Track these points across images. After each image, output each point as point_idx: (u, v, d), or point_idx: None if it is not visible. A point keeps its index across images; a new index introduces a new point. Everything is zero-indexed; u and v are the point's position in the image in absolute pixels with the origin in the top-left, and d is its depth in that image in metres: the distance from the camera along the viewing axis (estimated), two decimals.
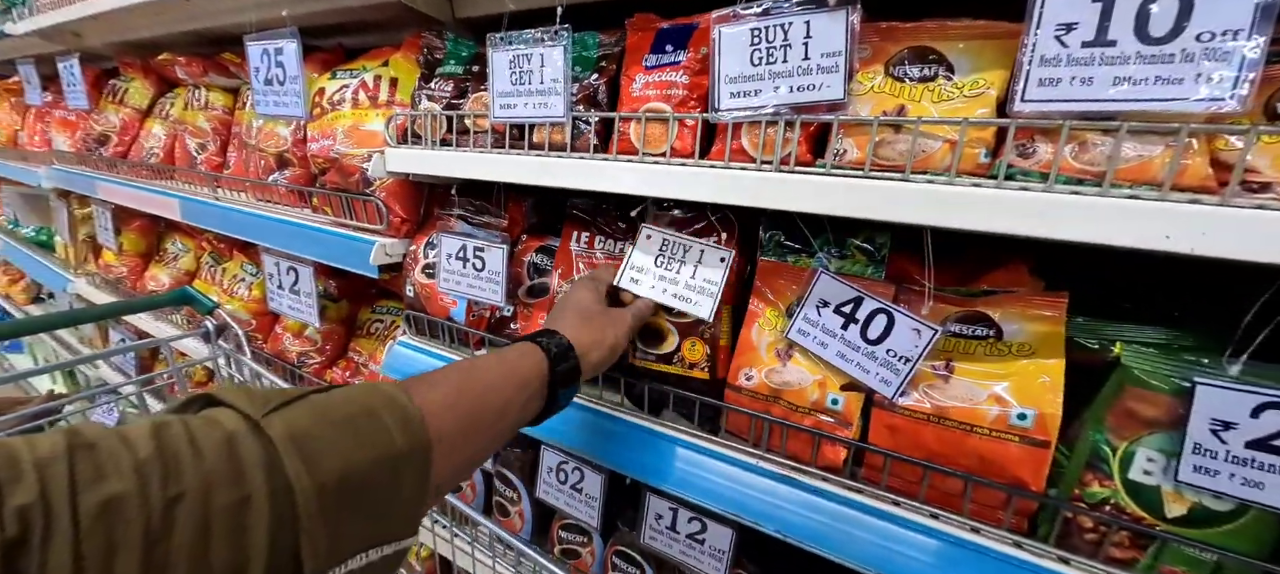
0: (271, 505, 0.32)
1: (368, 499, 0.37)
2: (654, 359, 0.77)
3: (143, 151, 1.68)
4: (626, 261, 0.77)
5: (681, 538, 0.85)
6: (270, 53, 1.07)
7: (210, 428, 0.34)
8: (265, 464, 0.33)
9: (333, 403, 0.40)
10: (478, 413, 0.49)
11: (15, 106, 2.36)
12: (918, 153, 0.56)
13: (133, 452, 0.30)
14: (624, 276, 0.76)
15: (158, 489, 0.29)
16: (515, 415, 0.54)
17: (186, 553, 0.29)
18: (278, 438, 0.34)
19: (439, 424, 0.44)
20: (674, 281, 0.73)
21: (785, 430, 0.68)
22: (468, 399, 0.48)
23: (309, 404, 0.39)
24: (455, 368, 0.52)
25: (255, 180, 1.29)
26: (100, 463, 0.29)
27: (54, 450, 0.29)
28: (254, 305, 1.48)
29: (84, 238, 2.07)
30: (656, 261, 0.75)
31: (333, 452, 0.36)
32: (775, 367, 0.69)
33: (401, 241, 1.01)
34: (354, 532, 0.37)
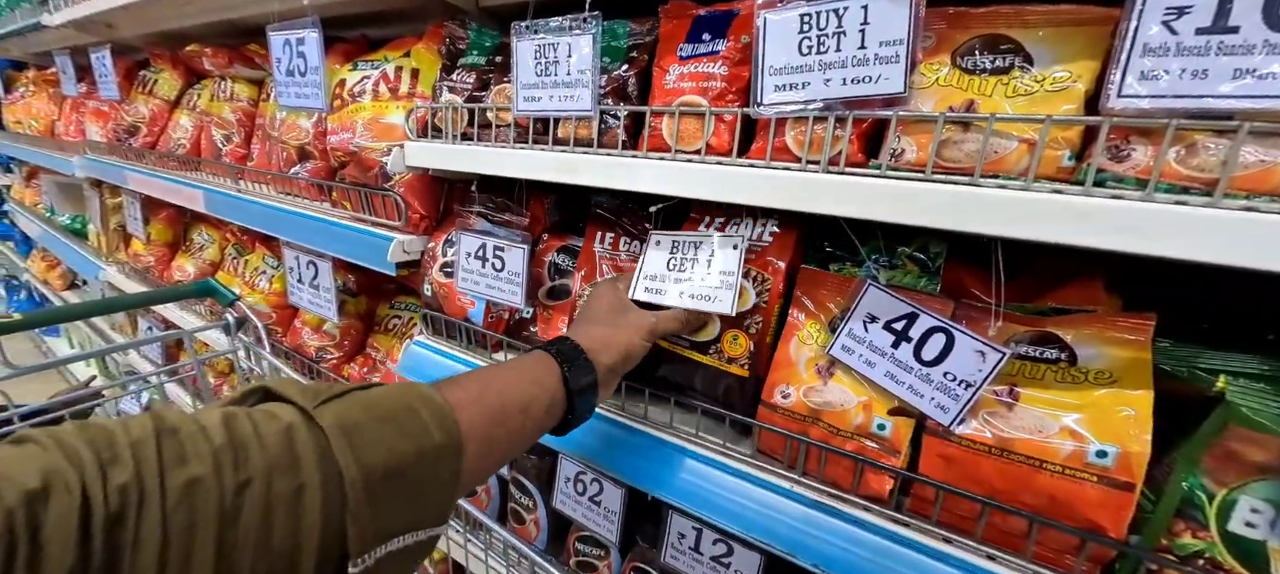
0: (324, 492, 0.35)
1: (408, 488, 0.40)
2: (687, 346, 0.71)
3: (171, 142, 1.69)
4: (638, 273, 0.72)
5: (705, 560, 0.80)
6: (292, 43, 1.04)
7: (270, 420, 0.36)
8: (319, 453, 0.36)
9: (376, 398, 0.42)
10: (502, 410, 0.50)
11: (53, 97, 2.42)
12: (989, 154, 0.50)
13: (209, 440, 0.33)
14: (638, 288, 0.71)
15: (230, 474, 0.32)
16: (539, 416, 0.54)
17: (253, 533, 0.32)
18: (329, 428, 0.37)
19: (469, 420, 0.46)
20: (690, 281, 0.68)
21: (824, 454, 0.63)
22: (492, 396, 0.50)
23: (355, 399, 0.41)
24: (477, 371, 0.55)
25: (277, 173, 1.28)
26: (182, 447, 0.32)
27: (144, 432, 0.32)
28: (275, 298, 1.47)
29: (115, 227, 2.11)
30: (670, 265, 0.70)
31: (377, 443, 0.39)
32: (815, 385, 0.63)
33: (420, 239, 0.98)
34: (395, 517, 0.39)
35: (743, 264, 0.64)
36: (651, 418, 0.77)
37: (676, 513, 0.81)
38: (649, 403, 0.76)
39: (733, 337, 0.67)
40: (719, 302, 0.64)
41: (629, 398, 0.79)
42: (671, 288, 0.68)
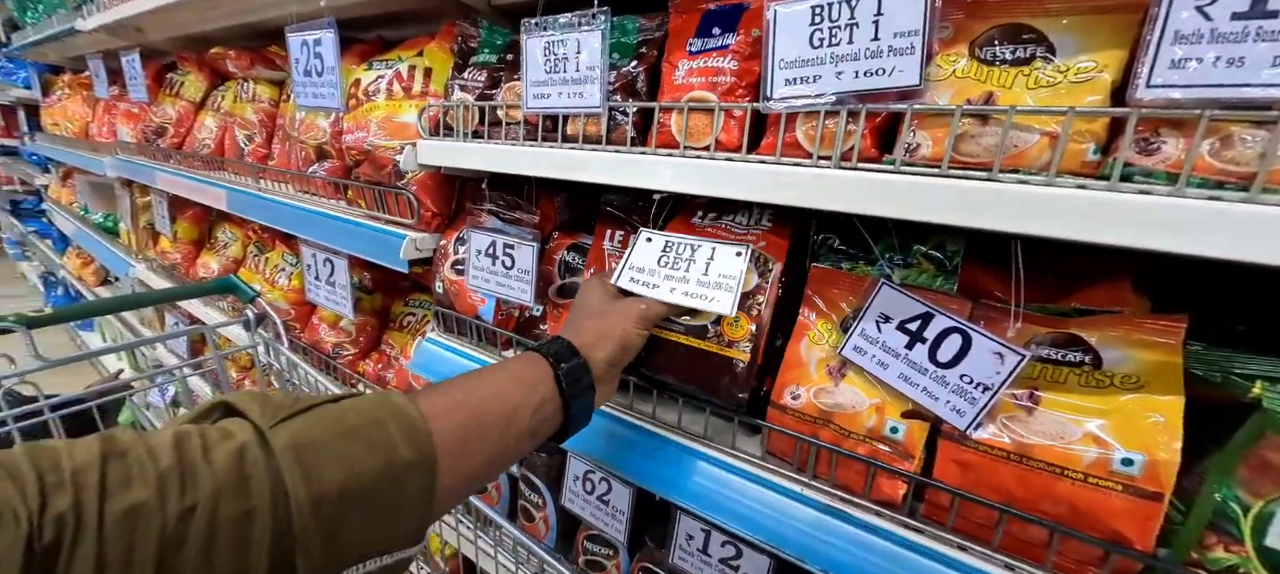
0: (273, 516, 0.34)
1: (370, 508, 0.38)
2: (681, 330, 0.66)
3: (196, 143, 1.74)
4: (624, 262, 0.70)
5: (713, 562, 0.79)
6: (309, 44, 1.06)
7: (224, 439, 0.35)
8: (270, 475, 0.34)
9: (342, 412, 0.40)
10: (483, 418, 0.47)
11: (87, 100, 2.51)
12: (1008, 147, 0.48)
13: (155, 462, 0.32)
14: (623, 278, 0.68)
15: (175, 499, 0.31)
16: (528, 422, 0.51)
17: (197, 560, 0.31)
18: (280, 449, 0.35)
19: (443, 431, 0.44)
20: (683, 280, 0.66)
21: (835, 458, 0.61)
22: (472, 403, 0.48)
23: (319, 414, 0.39)
24: (461, 376, 0.52)
25: (295, 172, 1.31)
26: (128, 471, 0.31)
27: (89, 457, 0.31)
28: (293, 295, 1.50)
29: (144, 225, 2.18)
30: (660, 261, 0.68)
31: (335, 462, 0.37)
32: (826, 386, 0.62)
33: (432, 236, 0.99)
34: (354, 540, 0.38)
35: (747, 270, 0.62)
36: (660, 417, 0.76)
37: (685, 514, 0.80)
38: (657, 403, 0.76)
39: (733, 318, 0.63)
40: (716, 301, 0.62)
41: (637, 397, 0.78)
42: (662, 284, 0.66)
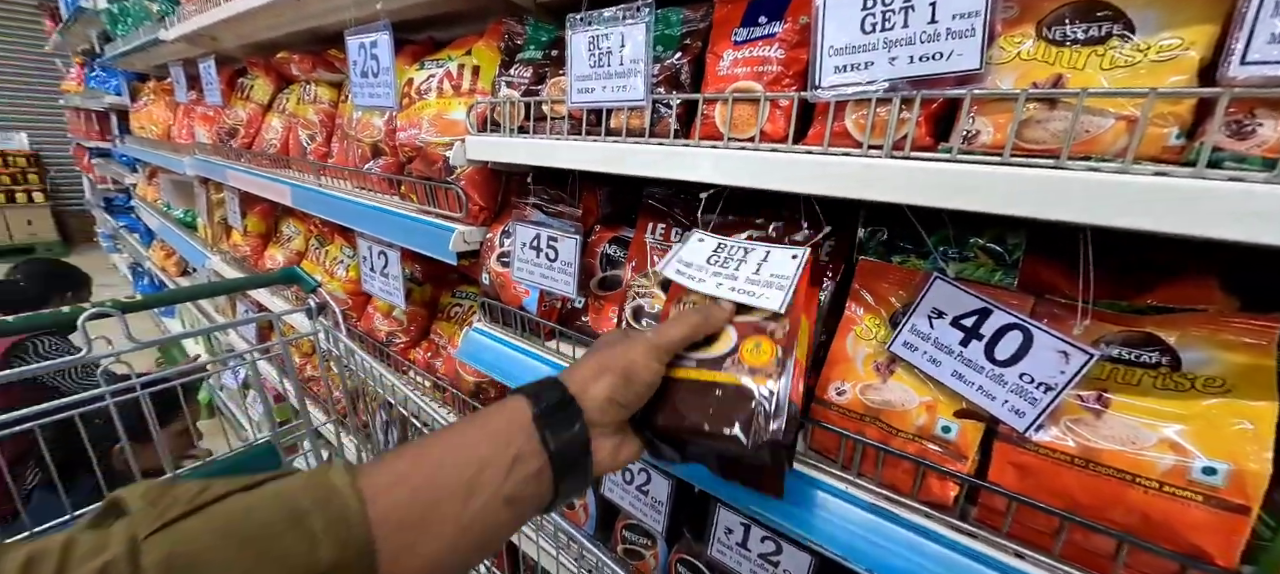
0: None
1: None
2: (695, 365, 0.54)
3: (264, 143, 1.86)
4: (672, 255, 0.69)
5: (753, 556, 0.79)
6: (366, 45, 1.12)
7: (93, 555, 0.29)
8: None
9: (249, 508, 0.33)
10: (439, 485, 0.38)
11: (169, 105, 2.72)
12: (1079, 133, 0.45)
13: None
14: (670, 268, 0.66)
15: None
16: (500, 483, 0.41)
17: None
18: (150, 566, 0.29)
19: (387, 512, 0.36)
20: (732, 277, 0.64)
21: (882, 456, 0.60)
22: (426, 468, 0.39)
23: (216, 513, 0.33)
24: (422, 440, 0.43)
25: (352, 169, 1.38)
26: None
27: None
28: (350, 286, 1.59)
29: (218, 220, 2.35)
30: (711, 260, 0.67)
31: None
32: (873, 382, 0.60)
33: (479, 230, 1.02)
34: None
35: (801, 272, 0.60)
36: None
37: (724, 507, 0.80)
38: None
39: (755, 344, 0.52)
40: (766, 298, 0.60)
41: None
42: (709, 279, 0.64)
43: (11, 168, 6.04)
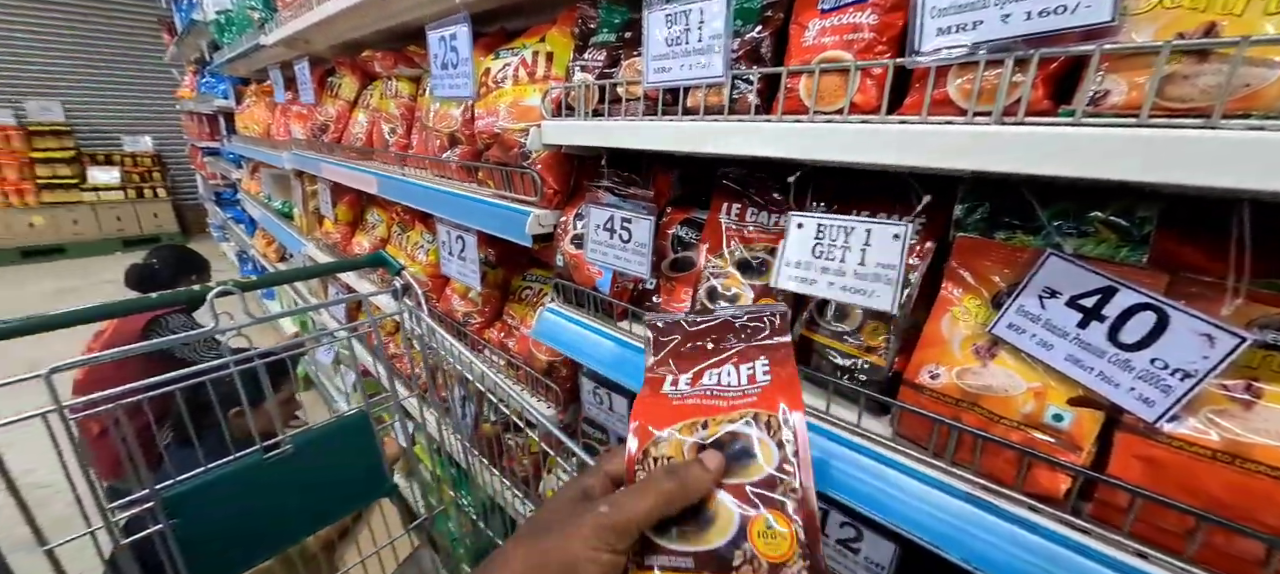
0: None
1: None
2: (690, 566, 0.40)
3: (351, 136, 2.01)
4: (780, 258, 0.69)
5: (831, 541, 0.77)
6: (446, 38, 1.17)
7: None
8: None
9: None
10: None
11: (268, 105, 2.99)
12: (1236, 88, 0.40)
13: None
14: (782, 276, 0.68)
15: None
16: None
17: None
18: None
19: None
20: (840, 274, 0.63)
21: (979, 444, 0.56)
22: None
23: None
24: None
25: (433, 157, 1.45)
26: None
27: None
28: (430, 269, 1.69)
29: (312, 210, 2.57)
30: (815, 252, 0.66)
31: None
32: (972, 366, 0.57)
33: (553, 213, 1.05)
34: None
35: (906, 254, 0.58)
36: None
37: None
38: None
39: (764, 525, 0.40)
40: (876, 297, 0.60)
41: None
42: (820, 278, 0.64)
43: (139, 167, 6.87)
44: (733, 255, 0.81)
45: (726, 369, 0.49)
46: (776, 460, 0.42)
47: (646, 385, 0.51)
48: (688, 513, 0.40)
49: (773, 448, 0.42)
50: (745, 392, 0.47)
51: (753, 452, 0.42)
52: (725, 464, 0.42)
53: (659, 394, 0.50)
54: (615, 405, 1.07)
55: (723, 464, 0.42)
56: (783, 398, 0.44)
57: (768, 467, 0.41)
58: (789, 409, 0.43)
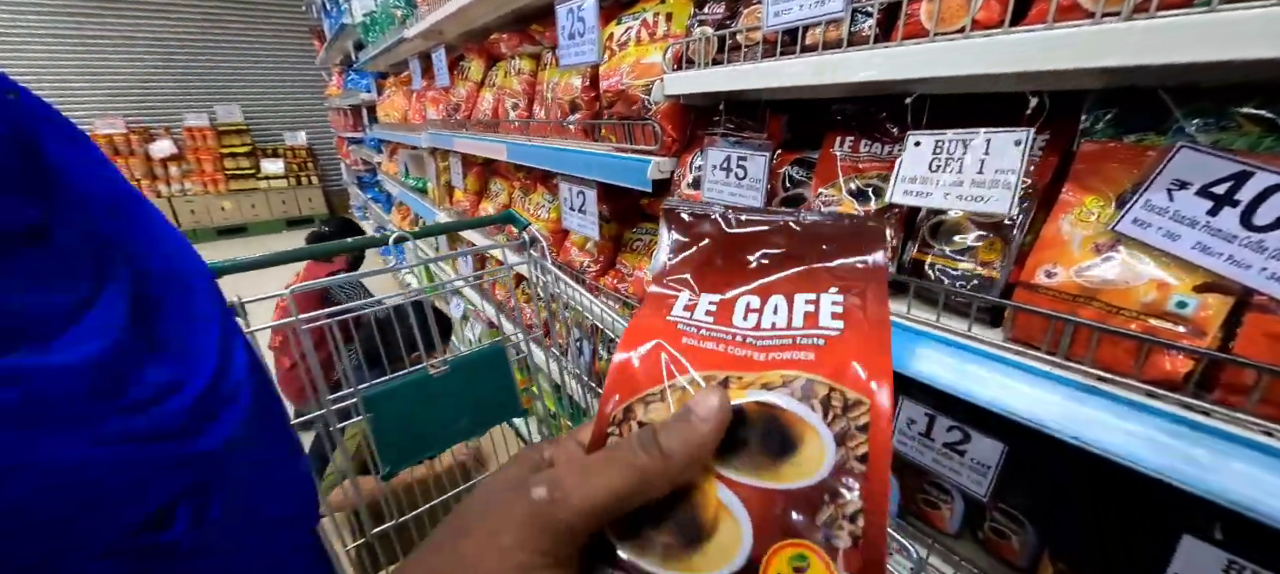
0: None
1: None
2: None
3: (479, 113, 2.28)
4: (894, 178, 0.74)
5: (936, 446, 0.83)
6: (573, 10, 1.32)
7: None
8: None
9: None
10: None
11: (405, 94, 3.42)
12: None
13: None
14: (896, 192, 0.72)
15: None
16: None
17: None
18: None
19: None
20: (957, 183, 0.68)
21: (1096, 337, 0.60)
22: None
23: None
24: None
25: (557, 121, 1.64)
26: None
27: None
28: (551, 226, 1.90)
29: (443, 183, 2.93)
30: (932, 166, 0.71)
31: None
32: (1090, 262, 0.60)
33: (671, 160, 1.17)
34: None
35: (1026, 162, 0.62)
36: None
37: (909, 400, 0.85)
38: None
39: (793, 564, 0.24)
40: (994, 201, 0.64)
41: None
42: (936, 190, 0.69)
43: (297, 158, 8.08)
44: (846, 186, 0.87)
45: (775, 300, 0.31)
46: (829, 464, 0.25)
47: (648, 304, 0.33)
48: (671, 513, 0.26)
49: (826, 442, 0.25)
50: (798, 341, 0.29)
51: (793, 441, 0.26)
52: (720, 421, 0.26)
53: (664, 321, 0.32)
54: None
55: (724, 420, 0.26)
56: (859, 360, 0.27)
57: (815, 471, 0.25)
58: (866, 375, 0.26)
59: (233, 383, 0.35)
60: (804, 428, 0.26)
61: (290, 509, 0.43)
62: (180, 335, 0.34)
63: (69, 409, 0.26)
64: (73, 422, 0.26)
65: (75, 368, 0.26)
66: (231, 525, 0.34)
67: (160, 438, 0.29)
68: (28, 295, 0.26)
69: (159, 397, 0.29)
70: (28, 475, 0.24)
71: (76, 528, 0.25)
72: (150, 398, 0.29)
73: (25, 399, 0.24)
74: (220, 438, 0.32)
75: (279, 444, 0.43)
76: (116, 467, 0.27)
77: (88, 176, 0.33)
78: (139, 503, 0.27)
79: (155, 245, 0.36)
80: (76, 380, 0.26)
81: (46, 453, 0.24)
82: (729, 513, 0.25)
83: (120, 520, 0.26)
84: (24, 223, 0.27)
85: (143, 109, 7.09)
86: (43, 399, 0.25)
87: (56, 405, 0.25)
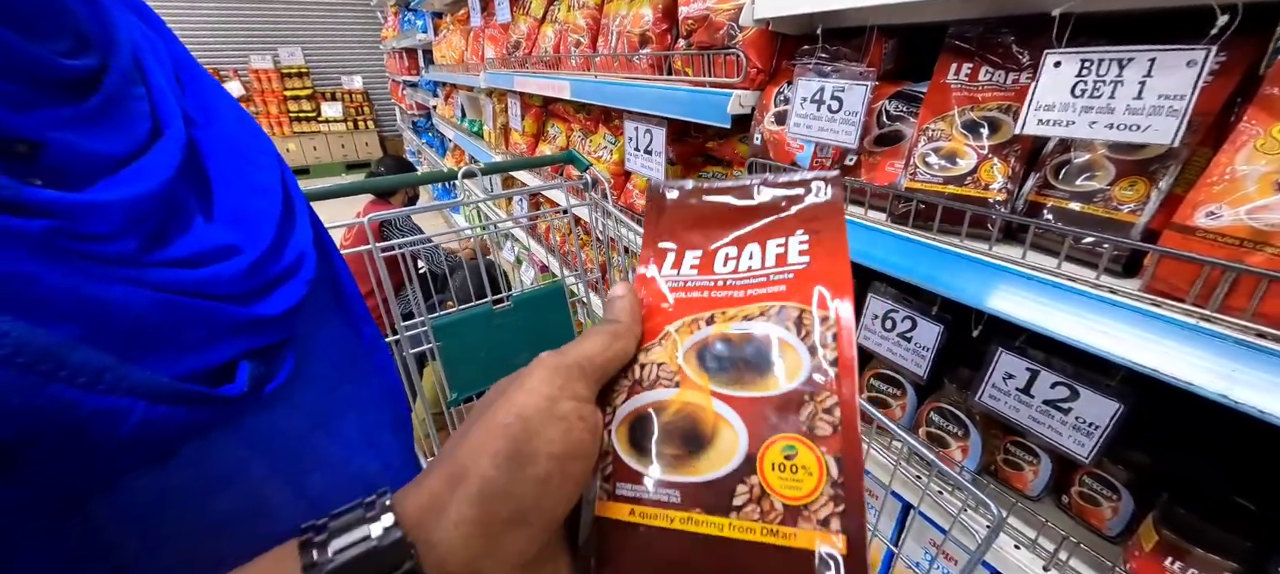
0: None
1: None
2: (675, 497, 0.30)
3: (540, 50, 2.23)
4: (1027, 105, 0.66)
5: (1035, 403, 0.78)
6: None
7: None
8: None
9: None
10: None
11: (462, 33, 3.40)
12: None
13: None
14: (1029, 122, 0.65)
15: None
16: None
17: None
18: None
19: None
20: (1108, 111, 0.60)
21: (1263, 287, 0.53)
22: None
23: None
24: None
25: (626, 54, 1.58)
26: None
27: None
28: (612, 168, 1.88)
29: (500, 126, 2.93)
30: (1075, 90, 0.63)
31: None
32: (1269, 201, 0.53)
33: (753, 93, 1.11)
34: None
35: (1198, 89, 0.53)
36: (997, 253, 0.75)
37: (1008, 352, 0.80)
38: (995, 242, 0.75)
39: (782, 457, 0.29)
40: (1154, 131, 0.56)
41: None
42: (1080, 119, 0.60)
43: (354, 103, 8.29)
44: (960, 117, 0.80)
45: (751, 248, 0.36)
46: (806, 370, 0.30)
47: (639, 264, 0.38)
48: (675, 431, 0.31)
49: (801, 353, 0.30)
50: (772, 277, 0.34)
51: (775, 357, 0.31)
52: (634, 291, 0.36)
53: (652, 278, 0.37)
54: None
55: (631, 288, 0.35)
56: (822, 283, 0.32)
57: (795, 377, 0.30)
58: (830, 296, 0.32)
59: (295, 255, 0.34)
60: (783, 345, 0.31)
61: (371, 391, 0.41)
62: (239, 204, 0.33)
63: (103, 248, 0.24)
64: (107, 261, 0.24)
65: (112, 204, 0.25)
66: (307, 392, 0.33)
67: (214, 297, 0.28)
68: (71, 135, 0.25)
69: (212, 257, 0.29)
70: (55, 308, 0.22)
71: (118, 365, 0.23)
72: (201, 256, 0.28)
73: (52, 231, 0.23)
74: (283, 306, 0.31)
75: (353, 325, 0.42)
76: (160, 310, 0.25)
77: (147, 39, 0.33)
78: (187, 354, 0.26)
79: (215, 116, 0.36)
80: (112, 218, 0.25)
81: (74, 285, 0.23)
82: (726, 422, 0.30)
83: (163, 367, 0.25)
84: (74, 68, 0.26)
85: (213, 51, 7.39)
86: (74, 232, 0.23)
87: (89, 242, 0.24)
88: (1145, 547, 0.71)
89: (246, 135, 0.38)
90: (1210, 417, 0.63)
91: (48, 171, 0.24)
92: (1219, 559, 0.65)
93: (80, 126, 0.26)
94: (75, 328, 0.23)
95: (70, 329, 0.22)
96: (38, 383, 0.21)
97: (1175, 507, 0.68)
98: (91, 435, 0.22)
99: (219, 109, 0.37)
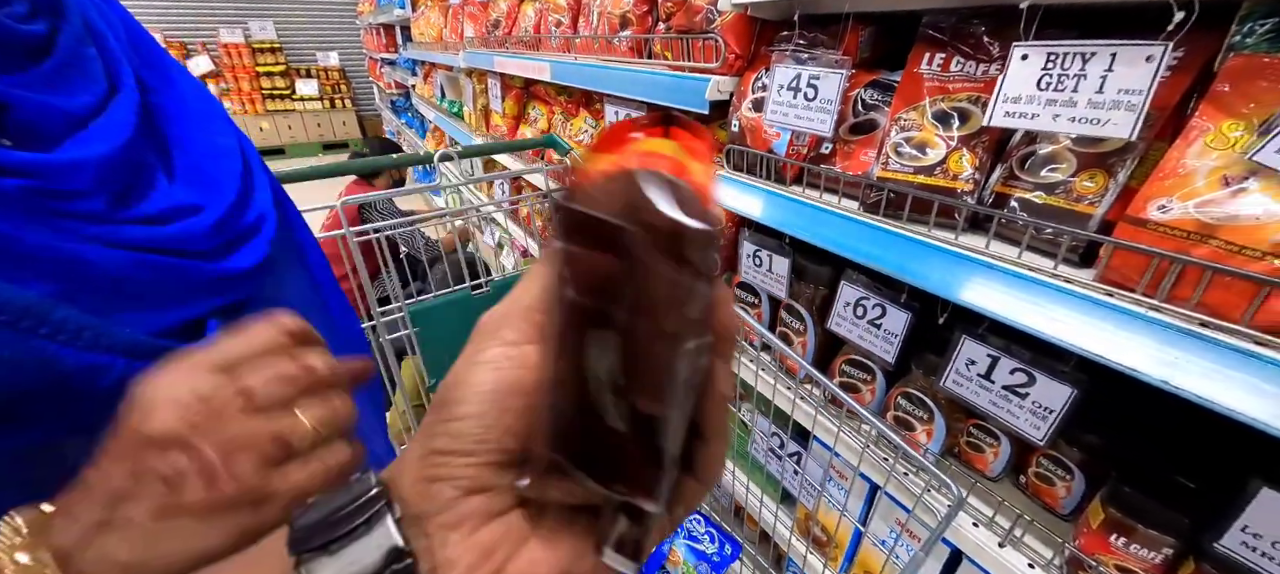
0: None
1: None
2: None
3: (520, 30, 2.18)
4: (995, 98, 0.67)
5: (995, 388, 0.81)
6: None
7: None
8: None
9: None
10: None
11: (441, 9, 3.30)
12: None
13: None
14: (996, 114, 0.66)
15: None
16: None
17: None
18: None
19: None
20: (1070, 104, 0.62)
21: (1206, 279, 0.55)
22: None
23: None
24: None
25: (606, 36, 1.56)
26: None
27: None
28: None
29: (480, 108, 2.88)
30: (1041, 83, 0.64)
31: None
32: (1215, 194, 0.55)
33: (732, 79, 1.10)
34: None
35: (1155, 84, 0.55)
36: (963, 242, 0.77)
37: (971, 340, 0.82)
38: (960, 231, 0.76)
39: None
40: (1113, 125, 0.57)
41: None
42: (1043, 111, 0.62)
43: (330, 80, 8.03)
44: (930, 108, 0.81)
45: None
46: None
47: None
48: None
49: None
50: None
51: None
52: None
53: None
54: (774, 266, 1.15)
55: None
56: None
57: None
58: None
59: (257, 214, 0.36)
60: None
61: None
62: (199, 166, 0.34)
63: (76, 205, 0.25)
64: (80, 218, 0.25)
65: (85, 162, 0.26)
66: None
67: (182, 254, 0.29)
68: (35, 95, 0.26)
69: (177, 215, 0.30)
70: (34, 266, 0.23)
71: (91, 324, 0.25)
72: (167, 213, 0.29)
73: (28, 190, 0.23)
74: (249, 261, 0.33)
75: (317, 285, 0.43)
76: (137, 268, 0.26)
77: (94, 4, 0.33)
78: (162, 310, 0.27)
79: (169, 82, 0.36)
80: (85, 175, 0.26)
81: (52, 244, 0.23)
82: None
83: (139, 324, 0.26)
84: (31, 33, 0.27)
85: (179, 24, 7.07)
86: (49, 191, 0.24)
87: (63, 200, 0.25)
88: (1093, 524, 0.74)
89: (200, 101, 0.39)
90: (1157, 401, 0.66)
91: (15, 130, 0.25)
92: (1158, 535, 0.69)
93: (41, 87, 0.27)
94: (55, 286, 0.23)
95: (50, 287, 0.23)
96: (19, 340, 0.22)
97: (1121, 486, 0.72)
98: (73, 389, 0.23)
99: (171, 76, 0.38)
